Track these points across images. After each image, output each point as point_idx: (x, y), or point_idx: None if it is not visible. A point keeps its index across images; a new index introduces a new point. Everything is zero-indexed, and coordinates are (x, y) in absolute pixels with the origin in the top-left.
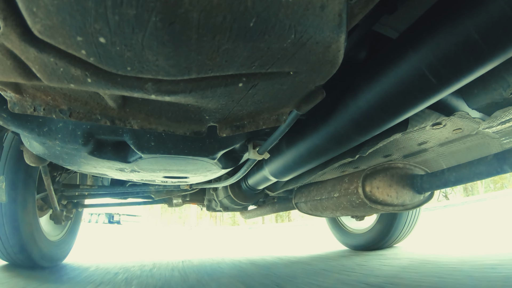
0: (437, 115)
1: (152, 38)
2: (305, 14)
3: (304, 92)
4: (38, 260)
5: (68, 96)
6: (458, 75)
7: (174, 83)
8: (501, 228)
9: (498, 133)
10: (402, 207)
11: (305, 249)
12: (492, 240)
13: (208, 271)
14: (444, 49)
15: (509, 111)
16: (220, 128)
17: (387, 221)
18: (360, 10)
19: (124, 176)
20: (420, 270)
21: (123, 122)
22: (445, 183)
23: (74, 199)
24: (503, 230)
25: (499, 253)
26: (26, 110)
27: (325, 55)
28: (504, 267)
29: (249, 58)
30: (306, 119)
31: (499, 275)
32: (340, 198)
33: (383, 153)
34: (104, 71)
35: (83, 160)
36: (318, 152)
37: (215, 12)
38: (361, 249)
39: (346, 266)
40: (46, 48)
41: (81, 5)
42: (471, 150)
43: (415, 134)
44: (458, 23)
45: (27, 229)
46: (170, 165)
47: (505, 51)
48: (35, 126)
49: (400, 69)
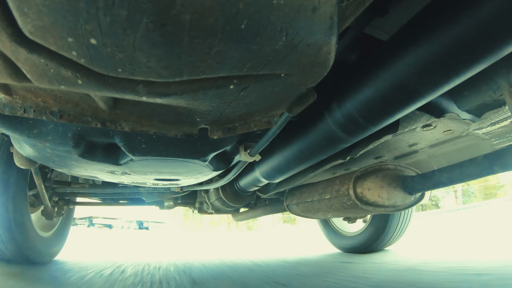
0: (427, 116)
1: (144, 40)
2: (296, 17)
3: (295, 94)
4: (30, 256)
5: (58, 98)
6: (449, 76)
7: (165, 85)
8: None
9: (488, 134)
10: (393, 208)
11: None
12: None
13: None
14: (434, 52)
15: (498, 113)
16: (211, 130)
17: (379, 223)
18: (351, 13)
19: (115, 179)
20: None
21: (114, 124)
22: (436, 183)
23: (65, 196)
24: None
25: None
26: (16, 111)
27: (317, 58)
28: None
29: (241, 60)
30: (297, 121)
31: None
32: (331, 199)
33: (374, 155)
34: (95, 73)
35: (73, 163)
36: (309, 154)
37: (207, 14)
38: (353, 251)
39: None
40: (37, 49)
41: (73, 5)
42: (461, 151)
43: (406, 136)
44: (449, 26)
45: (19, 225)
46: (161, 167)
47: (495, 53)
48: (25, 128)
49: (391, 71)
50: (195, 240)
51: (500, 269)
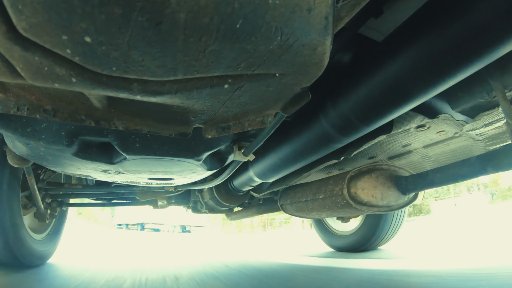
0: (421, 117)
1: (139, 38)
2: (292, 17)
3: (290, 94)
4: (23, 258)
5: (52, 96)
6: (443, 78)
7: (160, 83)
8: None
9: (481, 135)
10: (387, 208)
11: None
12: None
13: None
14: (428, 52)
15: (492, 114)
16: (205, 130)
17: (372, 223)
18: (347, 13)
19: (109, 178)
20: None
21: (108, 123)
22: (429, 183)
23: (58, 197)
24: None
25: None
26: (10, 109)
27: (311, 58)
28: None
29: (236, 59)
30: (292, 121)
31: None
32: (325, 199)
33: (368, 155)
34: (89, 71)
35: (67, 161)
36: (303, 154)
37: (202, 13)
38: (346, 250)
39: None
40: (31, 46)
41: (67, 3)
42: (455, 152)
43: (400, 136)
44: (443, 27)
45: (11, 227)
46: (155, 166)
47: (489, 55)
48: (18, 126)
49: (385, 72)
50: (230, 241)
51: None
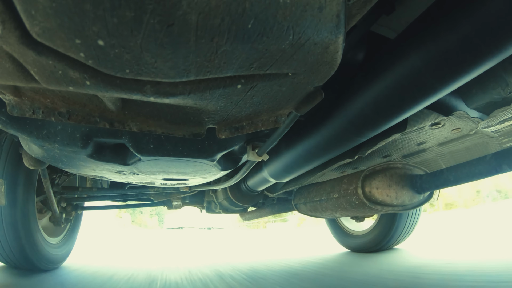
0: (435, 115)
1: (151, 40)
2: (303, 15)
3: (302, 93)
4: (38, 262)
5: (67, 99)
6: (457, 74)
7: (172, 85)
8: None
9: (497, 132)
10: (401, 207)
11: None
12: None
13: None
14: (443, 49)
15: (507, 110)
16: (219, 130)
17: (387, 222)
18: (358, 11)
19: (123, 179)
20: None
21: (122, 125)
22: (444, 182)
23: (73, 201)
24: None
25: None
26: (25, 113)
27: (324, 56)
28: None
29: (248, 59)
30: (305, 120)
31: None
32: (339, 199)
33: (382, 154)
34: (102, 74)
35: (82, 163)
36: (317, 153)
37: (213, 14)
38: (361, 250)
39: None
40: (45, 50)
41: (80, 7)
42: (470, 149)
43: (414, 134)
44: (456, 23)
45: (26, 231)
46: (169, 167)
47: (504, 50)
48: (34, 129)
49: (399, 70)
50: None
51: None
